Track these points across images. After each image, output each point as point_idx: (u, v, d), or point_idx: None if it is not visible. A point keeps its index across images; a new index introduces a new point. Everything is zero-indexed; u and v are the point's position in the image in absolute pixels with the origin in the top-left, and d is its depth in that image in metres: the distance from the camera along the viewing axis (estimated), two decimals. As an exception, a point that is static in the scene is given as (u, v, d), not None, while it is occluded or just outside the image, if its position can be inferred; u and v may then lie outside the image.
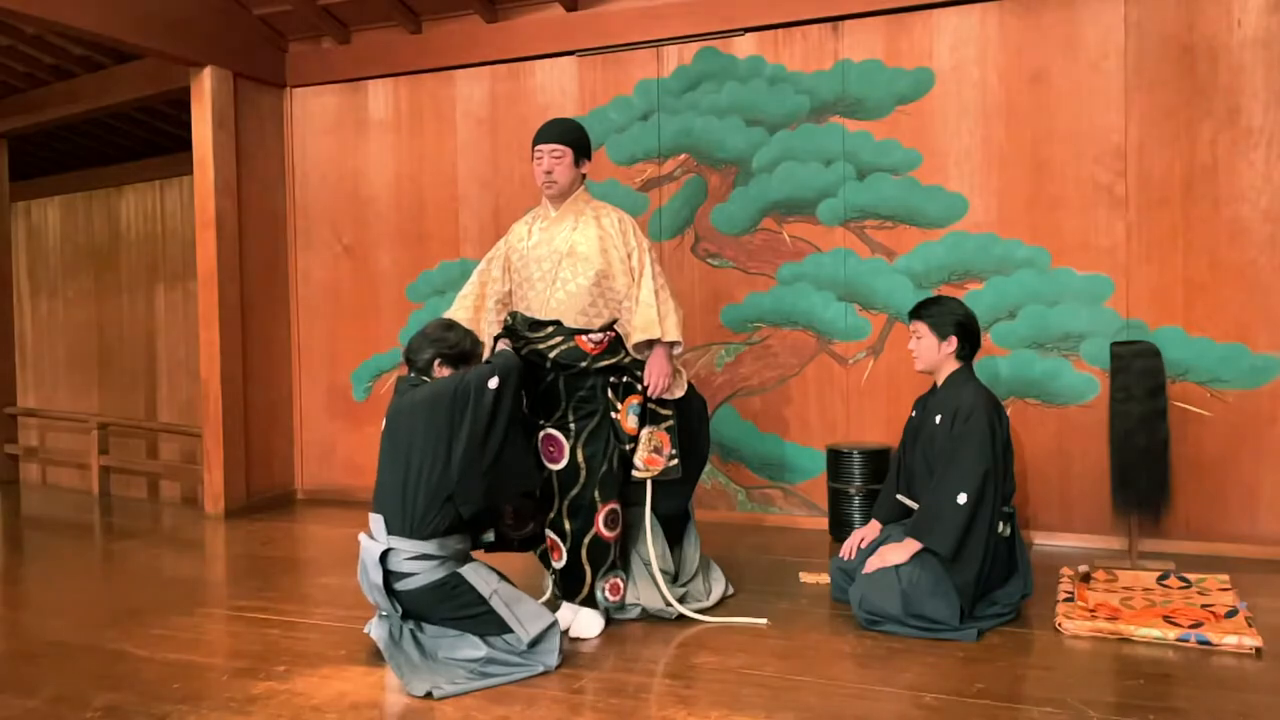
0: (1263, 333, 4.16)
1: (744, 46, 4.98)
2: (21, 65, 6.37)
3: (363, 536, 3.08)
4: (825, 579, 3.81)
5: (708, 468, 4.67)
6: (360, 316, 5.88)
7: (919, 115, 4.66)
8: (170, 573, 4.58)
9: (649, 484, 3.44)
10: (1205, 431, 4.23)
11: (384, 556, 2.96)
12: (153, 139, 7.64)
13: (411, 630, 2.99)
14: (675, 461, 3.45)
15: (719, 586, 3.63)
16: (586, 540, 3.36)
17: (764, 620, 3.39)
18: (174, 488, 6.73)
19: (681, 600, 3.48)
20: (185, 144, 5.70)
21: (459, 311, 3.54)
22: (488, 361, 3.23)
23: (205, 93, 5.44)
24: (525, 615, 2.96)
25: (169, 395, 7.69)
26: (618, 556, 3.43)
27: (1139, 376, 3.90)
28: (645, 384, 3.39)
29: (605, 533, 3.37)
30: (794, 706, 2.66)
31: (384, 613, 3.05)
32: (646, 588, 3.44)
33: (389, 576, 2.96)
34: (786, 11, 4.85)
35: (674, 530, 3.61)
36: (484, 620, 2.94)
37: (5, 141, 7.36)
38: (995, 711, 2.60)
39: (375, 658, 3.05)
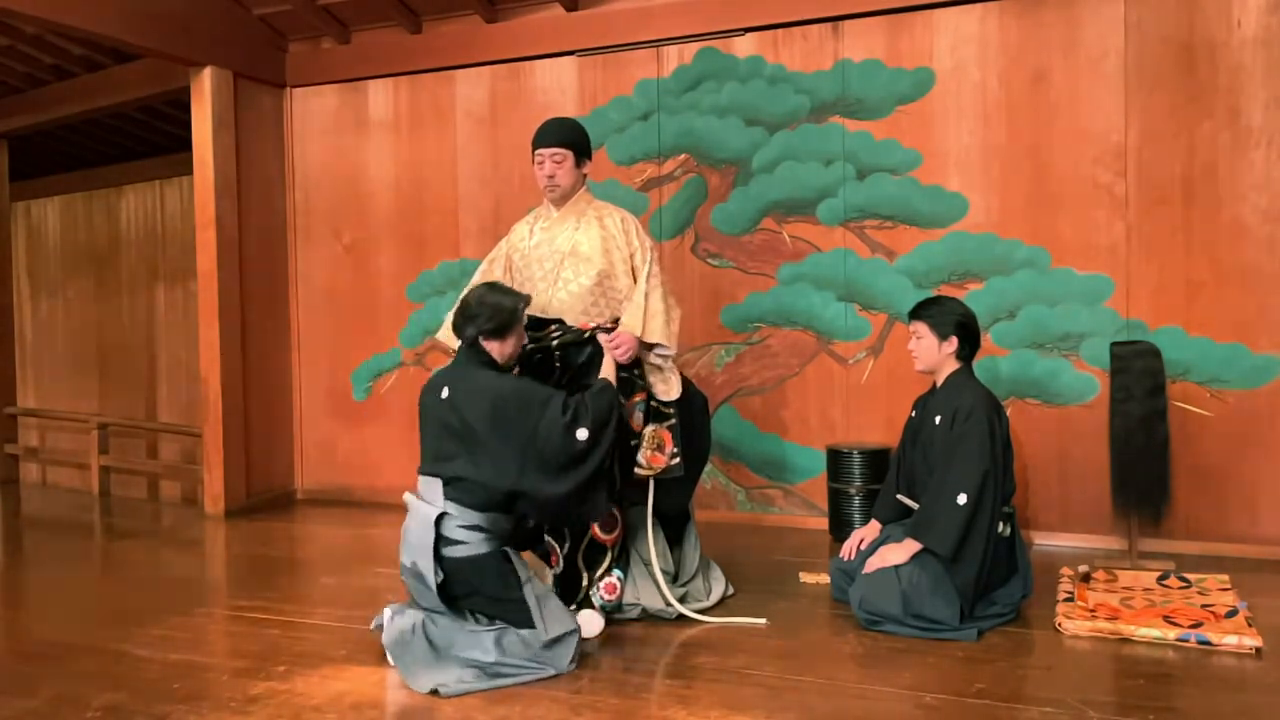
0: (1263, 333, 4.16)
1: (744, 46, 4.98)
2: (21, 65, 6.37)
3: (411, 497, 3.05)
4: (825, 579, 3.81)
5: (708, 467, 4.66)
6: (360, 316, 5.88)
7: (919, 115, 4.66)
8: (170, 573, 4.58)
9: (650, 483, 3.44)
10: (1205, 431, 4.23)
11: (438, 521, 2.94)
12: (153, 139, 7.63)
13: (424, 625, 2.97)
14: (677, 460, 3.45)
15: (719, 586, 3.64)
16: (583, 545, 3.37)
17: (763, 620, 3.39)
18: (174, 488, 6.73)
19: (681, 600, 3.48)
20: (185, 144, 5.70)
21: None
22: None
23: (205, 93, 5.43)
24: (550, 613, 2.95)
25: (169, 395, 7.69)
26: (615, 558, 3.43)
27: (1139, 376, 3.90)
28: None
29: (601, 535, 3.37)
30: (794, 706, 2.66)
31: (393, 611, 3.04)
32: (646, 587, 3.44)
33: (438, 541, 2.94)
34: (786, 11, 4.85)
35: (674, 530, 3.61)
36: (513, 607, 2.93)
37: (5, 141, 7.36)
38: (995, 711, 2.60)
39: (375, 658, 3.05)
